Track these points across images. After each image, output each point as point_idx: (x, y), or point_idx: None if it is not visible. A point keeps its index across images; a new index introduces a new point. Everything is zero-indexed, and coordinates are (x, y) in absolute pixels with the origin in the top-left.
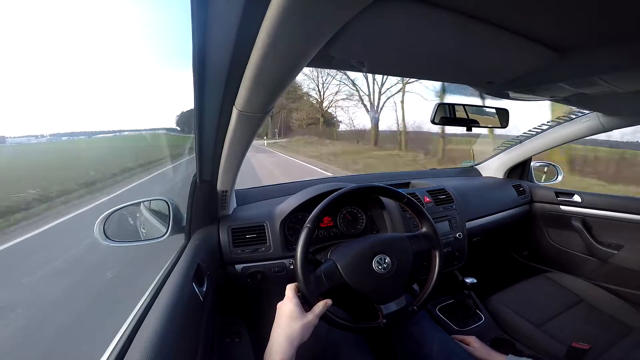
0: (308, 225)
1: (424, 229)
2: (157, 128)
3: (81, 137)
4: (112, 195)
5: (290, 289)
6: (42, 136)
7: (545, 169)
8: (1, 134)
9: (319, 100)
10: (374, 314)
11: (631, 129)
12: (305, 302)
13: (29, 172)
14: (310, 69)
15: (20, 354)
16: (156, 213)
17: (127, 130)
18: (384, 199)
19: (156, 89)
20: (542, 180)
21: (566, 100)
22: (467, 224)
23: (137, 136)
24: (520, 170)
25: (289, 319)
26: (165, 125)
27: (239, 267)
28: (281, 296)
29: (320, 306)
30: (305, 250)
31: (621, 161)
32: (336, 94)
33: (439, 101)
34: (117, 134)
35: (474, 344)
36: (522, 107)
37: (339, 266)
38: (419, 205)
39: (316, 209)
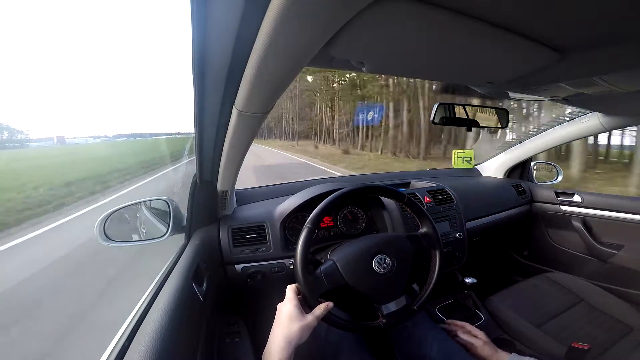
0: (308, 225)
1: (424, 229)
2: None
3: (138, 138)
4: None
5: (290, 290)
6: (105, 137)
7: (546, 168)
8: (61, 134)
9: None
10: (373, 314)
11: None
12: (306, 303)
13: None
14: None
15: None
16: (156, 213)
17: (182, 133)
18: (384, 199)
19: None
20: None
21: (566, 100)
22: (467, 224)
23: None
24: (520, 170)
25: (288, 320)
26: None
27: (239, 267)
28: (281, 296)
29: (321, 308)
30: (305, 250)
31: None
32: None
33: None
34: (173, 136)
35: (482, 339)
36: None
37: (338, 266)
38: (418, 205)
39: (316, 209)
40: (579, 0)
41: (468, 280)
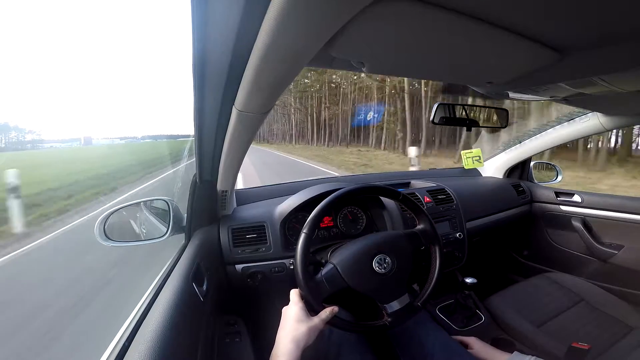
0: (305, 231)
1: (421, 226)
2: None
3: (164, 139)
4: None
5: (295, 294)
6: (134, 137)
7: (545, 168)
8: (88, 135)
9: None
10: (377, 314)
11: None
12: (311, 308)
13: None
14: None
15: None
16: (156, 213)
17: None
18: (384, 199)
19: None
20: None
21: (566, 100)
22: (467, 224)
23: None
24: (520, 170)
25: (294, 322)
26: None
27: (239, 267)
28: (282, 296)
29: (327, 312)
30: (305, 256)
31: None
32: None
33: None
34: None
35: (475, 345)
36: None
37: (339, 269)
38: (415, 203)
39: (312, 214)
40: (579, 0)
41: (468, 280)
